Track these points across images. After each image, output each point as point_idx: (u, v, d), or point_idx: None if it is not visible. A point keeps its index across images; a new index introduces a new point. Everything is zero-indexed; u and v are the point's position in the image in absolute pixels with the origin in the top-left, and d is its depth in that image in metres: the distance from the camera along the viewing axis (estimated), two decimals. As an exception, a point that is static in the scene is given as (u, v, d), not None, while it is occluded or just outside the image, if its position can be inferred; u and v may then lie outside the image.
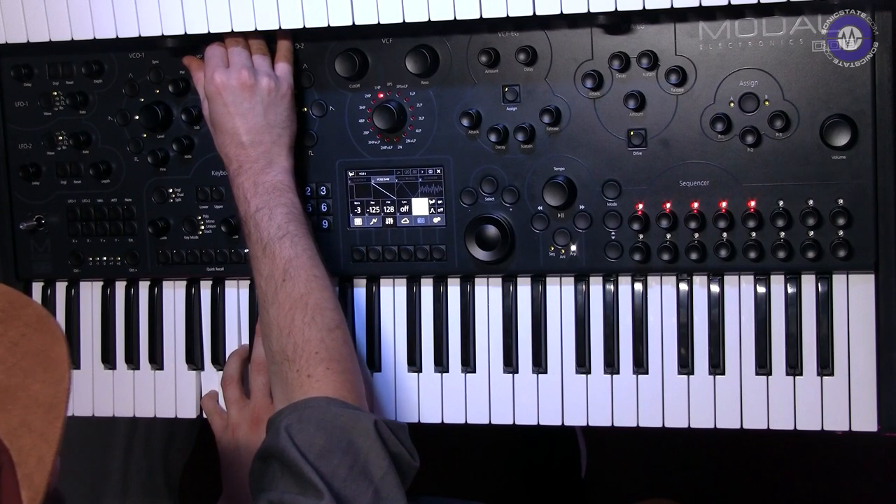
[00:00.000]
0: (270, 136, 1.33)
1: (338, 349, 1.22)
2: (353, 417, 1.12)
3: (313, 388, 1.18)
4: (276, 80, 1.35)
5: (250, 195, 1.31)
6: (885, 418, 1.29)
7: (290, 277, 1.25)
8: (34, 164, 1.49)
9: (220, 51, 1.36)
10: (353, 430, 1.10)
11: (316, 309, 1.23)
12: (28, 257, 1.51)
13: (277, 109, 1.34)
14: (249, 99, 1.33)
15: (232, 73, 1.33)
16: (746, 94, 1.29)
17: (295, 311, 1.23)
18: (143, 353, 1.50)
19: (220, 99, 1.33)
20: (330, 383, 1.18)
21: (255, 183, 1.31)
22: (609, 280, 1.37)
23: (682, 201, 1.32)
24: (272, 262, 1.27)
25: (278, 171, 1.33)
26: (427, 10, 1.29)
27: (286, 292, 1.25)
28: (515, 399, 1.40)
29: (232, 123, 1.33)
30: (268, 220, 1.28)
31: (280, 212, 1.29)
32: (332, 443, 1.09)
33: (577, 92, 1.34)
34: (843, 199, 1.28)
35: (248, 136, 1.32)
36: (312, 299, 1.24)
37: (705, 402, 1.34)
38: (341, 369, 1.20)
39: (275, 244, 1.27)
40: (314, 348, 1.21)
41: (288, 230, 1.28)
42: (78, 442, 1.87)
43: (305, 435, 1.09)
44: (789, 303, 1.32)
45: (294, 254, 1.26)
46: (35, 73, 1.48)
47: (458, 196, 1.38)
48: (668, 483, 2.14)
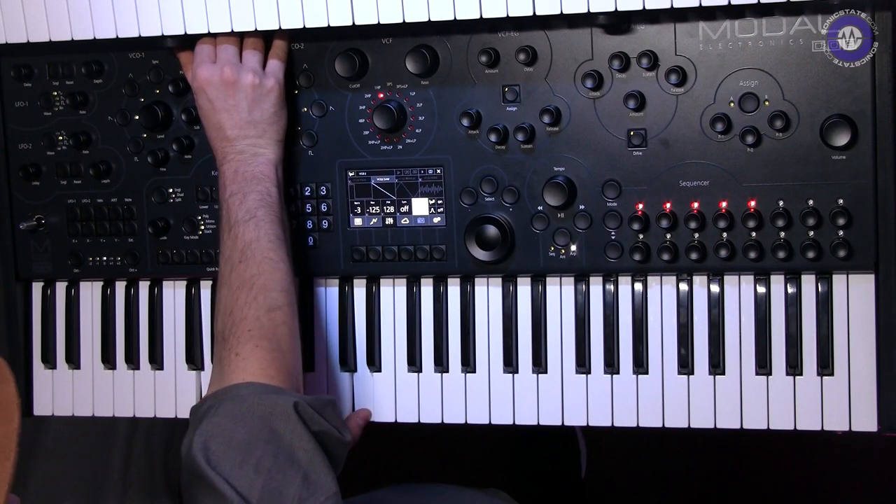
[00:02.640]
0: (255, 130, 1.34)
1: (273, 328, 1.21)
2: (272, 404, 1.10)
3: (239, 366, 1.17)
4: (262, 76, 1.35)
5: (228, 182, 1.32)
6: (885, 418, 1.29)
7: (245, 259, 1.25)
8: (34, 164, 1.49)
9: (209, 47, 1.36)
10: (273, 417, 1.09)
11: (261, 290, 1.23)
12: (28, 257, 1.51)
13: (262, 106, 1.34)
14: (233, 95, 1.33)
15: (216, 69, 1.33)
16: (746, 94, 1.29)
17: (241, 290, 1.23)
18: (143, 353, 1.50)
19: (203, 94, 1.34)
20: (255, 361, 1.17)
21: (235, 171, 1.32)
22: (609, 280, 1.37)
23: (682, 201, 1.32)
24: (233, 243, 1.27)
25: (262, 161, 1.33)
26: (427, 10, 1.29)
27: (238, 273, 1.25)
28: (515, 399, 1.40)
29: (216, 118, 1.34)
30: (238, 205, 1.29)
31: (252, 198, 1.30)
32: (253, 433, 1.07)
33: (577, 92, 1.34)
34: (843, 199, 1.28)
35: (232, 131, 1.33)
36: (261, 281, 1.24)
37: (705, 402, 1.34)
38: (271, 347, 1.19)
39: (239, 227, 1.28)
40: (248, 326, 1.20)
41: (255, 214, 1.28)
42: (78, 442, 1.87)
43: (222, 431, 1.08)
44: (789, 303, 1.32)
45: (255, 237, 1.27)
46: (35, 73, 1.48)
47: (458, 196, 1.38)
48: (668, 483, 2.14)
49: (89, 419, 1.53)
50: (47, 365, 1.53)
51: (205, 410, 1.13)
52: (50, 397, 1.53)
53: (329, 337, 1.45)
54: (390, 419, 1.43)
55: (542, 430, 1.41)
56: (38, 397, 1.54)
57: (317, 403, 1.14)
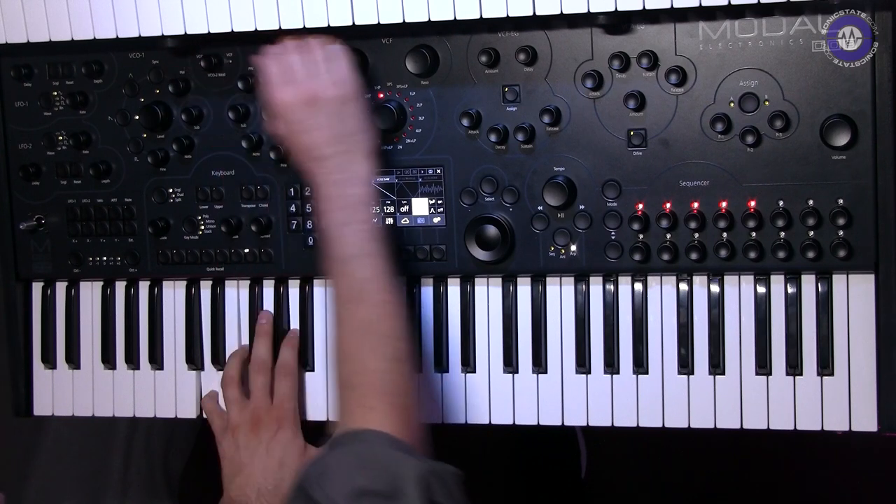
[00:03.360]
0: (344, 145, 1.29)
1: (401, 383, 1.19)
2: (400, 461, 1.08)
3: (370, 420, 1.14)
4: (341, 85, 1.30)
5: (330, 208, 1.27)
6: (885, 418, 1.29)
7: (361, 301, 1.22)
8: (34, 164, 1.49)
9: (278, 65, 1.31)
10: (398, 476, 1.06)
11: (382, 338, 1.20)
12: (28, 257, 1.51)
13: (346, 117, 1.30)
14: (316, 114, 1.28)
15: (295, 91, 1.28)
16: (746, 94, 1.29)
17: (362, 337, 1.21)
18: (143, 353, 1.50)
19: (284, 119, 1.30)
20: (387, 418, 1.15)
21: (335, 196, 1.27)
22: (609, 280, 1.37)
23: (682, 201, 1.32)
24: (347, 282, 1.24)
25: (357, 183, 1.29)
26: (427, 10, 1.29)
27: (354, 316, 1.22)
28: (515, 399, 1.40)
29: (302, 141, 1.30)
30: (346, 238, 1.25)
31: (360, 228, 1.26)
32: (373, 483, 1.05)
33: (577, 92, 1.34)
34: (843, 199, 1.28)
35: (321, 150, 1.28)
36: (380, 327, 1.21)
37: (705, 402, 1.34)
38: (401, 404, 1.17)
39: (351, 263, 1.24)
40: (373, 379, 1.18)
41: (365, 249, 1.25)
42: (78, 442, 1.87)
43: (343, 473, 1.06)
44: (789, 303, 1.32)
45: (369, 276, 1.23)
46: (35, 73, 1.48)
47: (458, 196, 1.38)
48: (668, 483, 2.14)
49: (89, 419, 1.53)
50: (47, 365, 1.53)
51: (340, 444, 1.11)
52: (50, 397, 1.53)
53: (329, 337, 1.45)
54: (390, 419, 1.43)
55: (542, 430, 1.41)
56: (38, 397, 1.54)
57: (443, 473, 1.09)
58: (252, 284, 1.47)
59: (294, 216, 1.43)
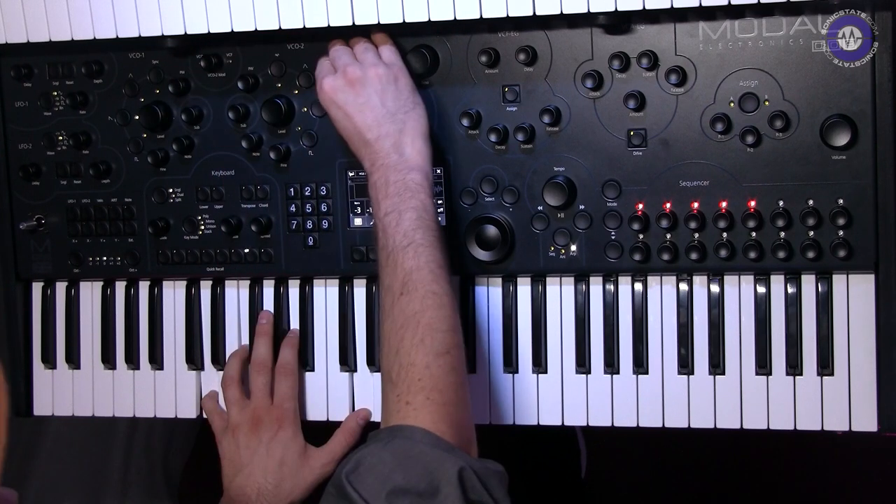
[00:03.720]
0: (395, 124, 1.28)
1: (443, 377, 1.14)
2: (441, 459, 1.05)
3: (409, 415, 1.11)
4: (385, 66, 1.31)
5: (381, 196, 1.24)
6: (885, 418, 1.29)
7: (407, 291, 1.18)
8: (34, 164, 1.49)
9: (327, 62, 1.34)
10: (436, 473, 1.04)
11: (427, 330, 1.16)
12: (28, 257, 1.51)
13: (394, 94, 1.29)
14: (361, 93, 1.28)
15: (338, 75, 1.30)
16: (746, 94, 1.29)
17: (406, 329, 1.16)
18: (143, 353, 1.50)
19: (334, 104, 1.30)
20: (427, 414, 1.11)
21: (386, 181, 1.25)
22: (609, 280, 1.37)
23: (682, 201, 1.32)
24: (393, 272, 1.20)
25: (411, 167, 1.26)
26: (427, 10, 1.29)
27: (401, 307, 1.18)
28: (515, 399, 1.40)
29: (352, 123, 1.29)
30: (395, 227, 1.22)
31: (409, 216, 1.22)
32: (412, 482, 1.03)
33: (577, 92, 1.34)
34: (843, 199, 1.28)
35: (370, 133, 1.27)
36: (425, 318, 1.16)
37: (705, 402, 1.34)
38: (442, 400, 1.12)
39: (398, 253, 1.20)
40: (417, 374, 1.13)
41: (413, 239, 1.21)
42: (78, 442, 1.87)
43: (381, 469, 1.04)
44: (789, 303, 1.32)
45: (416, 265, 1.19)
46: (35, 73, 1.48)
47: (458, 196, 1.38)
48: (668, 483, 2.14)
49: (89, 419, 1.53)
50: (47, 365, 1.53)
51: (379, 439, 1.09)
52: (50, 397, 1.53)
53: (329, 337, 1.45)
54: (390, 419, 1.43)
55: (542, 430, 1.41)
56: (38, 397, 1.54)
57: (483, 472, 1.07)
58: (252, 284, 1.47)
59: (294, 216, 1.43)
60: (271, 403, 1.40)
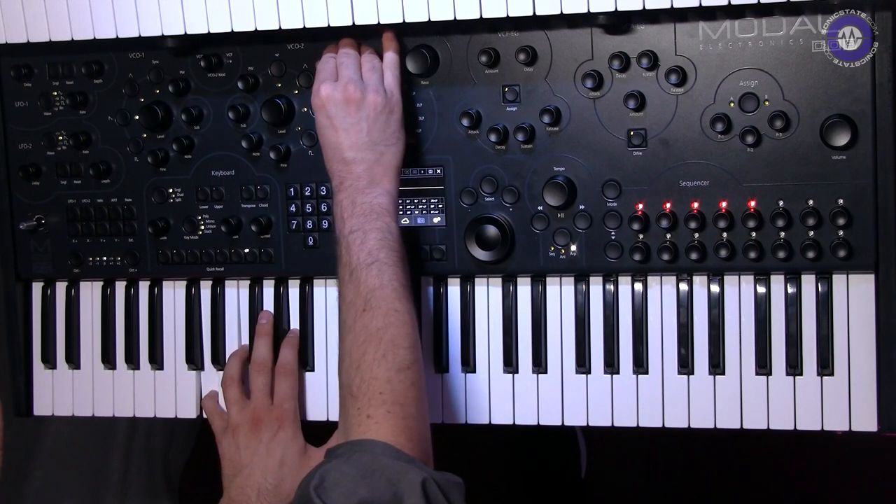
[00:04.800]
0: (373, 153, 1.29)
1: (404, 392, 1.16)
2: (402, 471, 1.06)
3: (371, 429, 1.13)
4: (384, 95, 1.31)
5: (347, 215, 1.27)
6: (885, 418, 1.29)
7: (370, 308, 1.20)
8: (34, 164, 1.49)
9: (331, 64, 1.33)
10: (399, 485, 1.05)
11: (390, 346, 1.18)
12: (28, 257, 1.51)
13: (382, 126, 1.31)
14: (354, 114, 1.29)
15: (338, 87, 1.30)
16: (746, 94, 1.29)
17: (368, 344, 1.19)
18: (143, 353, 1.50)
19: (323, 112, 1.30)
20: (388, 427, 1.13)
21: (353, 202, 1.27)
22: (609, 280, 1.37)
23: (682, 201, 1.32)
24: (356, 289, 1.23)
25: (380, 192, 1.28)
26: (427, 10, 1.29)
27: (363, 323, 1.20)
28: (515, 399, 1.40)
29: (335, 138, 1.30)
30: (359, 245, 1.24)
31: (373, 237, 1.25)
32: (375, 495, 1.04)
33: (577, 92, 1.34)
34: (843, 199, 1.28)
35: (350, 153, 1.29)
36: (388, 335, 1.19)
37: (705, 402, 1.34)
38: (403, 413, 1.15)
39: (362, 271, 1.23)
40: (378, 388, 1.16)
41: (377, 258, 1.23)
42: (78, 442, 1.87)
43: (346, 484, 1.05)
44: (789, 303, 1.32)
45: (379, 283, 1.22)
46: (35, 73, 1.48)
47: (458, 196, 1.38)
48: (668, 483, 2.14)
49: (89, 419, 1.53)
50: (47, 365, 1.53)
51: (339, 454, 1.10)
52: (50, 397, 1.53)
53: (329, 337, 1.45)
54: (390, 419, 1.43)
55: (541, 429, 1.41)
56: (38, 397, 1.54)
57: (445, 483, 1.09)
58: (252, 284, 1.47)
59: (294, 216, 1.43)
60: (271, 403, 1.40)
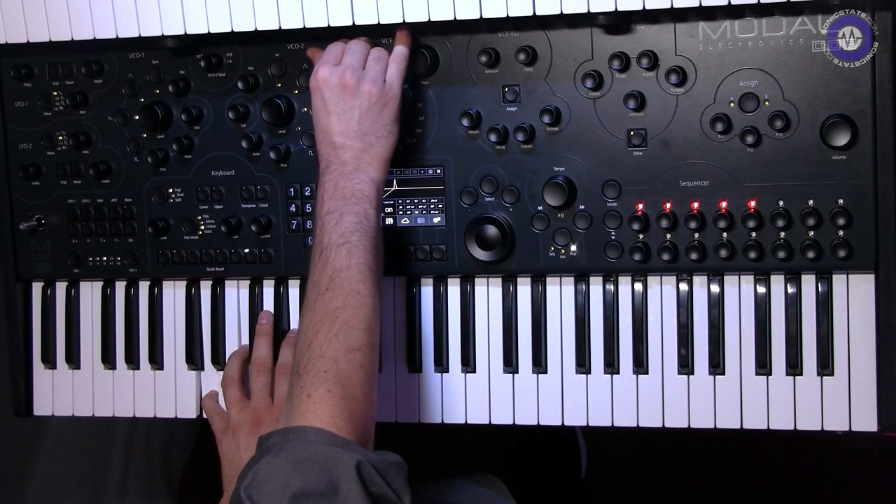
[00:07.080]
0: (362, 142, 1.29)
1: (349, 372, 1.14)
2: (335, 457, 1.05)
3: (309, 409, 1.10)
4: (381, 86, 1.30)
5: (327, 197, 1.26)
6: (885, 418, 1.29)
7: (333, 287, 1.19)
8: (34, 164, 1.49)
9: (338, 49, 1.33)
10: (334, 470, 1.04)
11: (343, 326, 1.16)
12: (28, 257, 1.51)
13: (374, 117, 1.30)
14: (347, 100, 1.29)
15: (336, 71, 1.30)
16: (746, 94, 1.29)
17: (323, 322, 1.17)
18: (143, 353, 1.50)
19: (319, 94, 1.30)
20: (326, 408, 1.10)
21: (335, 185, 1.26)
22: (609, 280, 1.37)
23: (682, 201, 1.32)
24: (323, 268, 1.21)
25: (363, 179, 1.27)
26: (427, 10, 1.29)
27: (323, 302, 1.18)
28: (515, 399, 1.40)
29: (327, 121, 1.30)
30: (333, 226, 1.23)
31: (349, 220, 1.23)
32: (310, 484, 1.03)
33: (577, 92, 1.34)
34: (843, 199, 1.28)
35: (339, 138, 1.29)
36: (344, 315, 1.17)
37: (705, 402, 1.34)
38: (344, 394, 1.12)
39: (331, 251, 1.21)
40: (324, 366, 1.13)
41: (349, 240, 1.22)
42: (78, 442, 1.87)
43: (278, 477, 1.03)
44: (789, 303, 1.32)
45: (346, 265, 1.20)
46: (35, 73, 1.48)
47: (458, 196, 1.38)
48: (668, 483, 2.14)
49: (89, 419, 1.54)
50: (47, 365, 1.53)
51: (269, 446, 1.09)
52: (50, 397, 1.53)
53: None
54: (391, 419, 1.43)
55: (542, 429, 1.41)
56: (38, 397, 1.54)
57: (381, 464, 1.07)
58: (252, 284, 1.47)
59: (294, 216, 1.43)
60: (271, 403, 1.40)
